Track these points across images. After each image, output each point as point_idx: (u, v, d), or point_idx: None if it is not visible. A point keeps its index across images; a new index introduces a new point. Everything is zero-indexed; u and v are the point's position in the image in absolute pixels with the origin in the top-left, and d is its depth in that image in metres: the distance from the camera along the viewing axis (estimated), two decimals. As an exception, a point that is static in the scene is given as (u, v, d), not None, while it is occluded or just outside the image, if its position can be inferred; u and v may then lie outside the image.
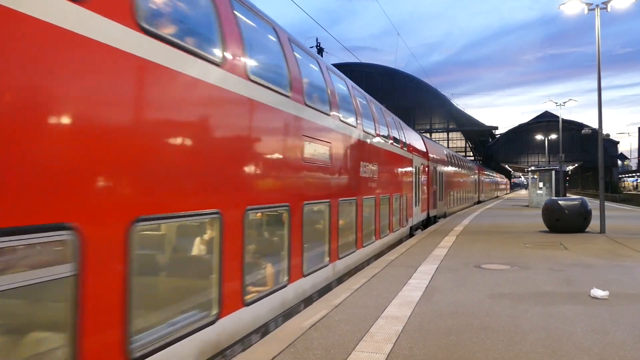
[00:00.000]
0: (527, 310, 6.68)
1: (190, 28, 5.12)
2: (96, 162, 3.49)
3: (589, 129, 49.69)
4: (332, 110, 9.19)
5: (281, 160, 6.86)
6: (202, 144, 4.89)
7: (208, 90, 5.01)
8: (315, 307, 6.86)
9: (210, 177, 4.99)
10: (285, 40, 7.55)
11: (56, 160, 3.18)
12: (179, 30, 4.68)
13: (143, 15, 4.01)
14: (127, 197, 3.80)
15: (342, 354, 4.99)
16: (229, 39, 5.45)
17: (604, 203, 17.68)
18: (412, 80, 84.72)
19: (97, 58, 3.52)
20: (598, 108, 17.53)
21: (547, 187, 33.67)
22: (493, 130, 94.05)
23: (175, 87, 4.47)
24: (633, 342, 5.35)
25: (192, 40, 4.79)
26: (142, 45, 3.94)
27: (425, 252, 12.17)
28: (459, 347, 5.21)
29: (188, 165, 4.59)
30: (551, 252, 12.16)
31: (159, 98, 4.23)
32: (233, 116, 5.58)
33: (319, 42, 41.17)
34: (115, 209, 3.64)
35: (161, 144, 4.25)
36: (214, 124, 5.17)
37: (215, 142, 5.19)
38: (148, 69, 4.07)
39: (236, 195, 5.55)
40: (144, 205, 3.97)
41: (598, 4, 17.28)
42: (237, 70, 5.56)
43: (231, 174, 5.48)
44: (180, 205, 4.46)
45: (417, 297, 7.39)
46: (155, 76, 4.18)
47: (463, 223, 20.94)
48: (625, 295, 7.58)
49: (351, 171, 10.33)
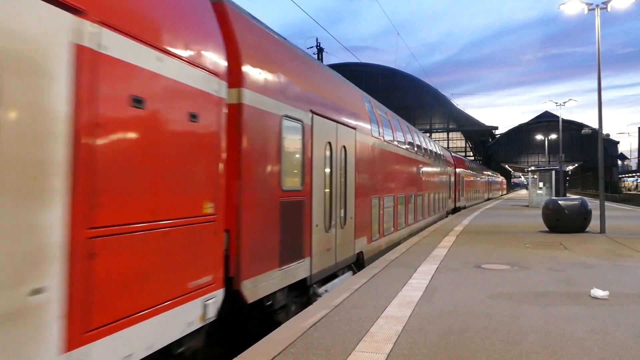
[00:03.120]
0: (527, 310, 6.67)
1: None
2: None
3: (589, 129, 49.72)
4: (418, 152, 18.83)
5: (417, 178, 18.05)
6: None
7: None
8: (315, 307, 6.86)
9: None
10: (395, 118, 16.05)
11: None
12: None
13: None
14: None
15: (342, 354, 4.99)
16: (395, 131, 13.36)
17: (604, 203, 17.68)
18: (412, 80, 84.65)
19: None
20: (598, 108, 17.53)
21: (547, 187, 33.68)
22: (493, 130, 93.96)
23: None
24: (633, 342, 5.35)
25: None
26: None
27: (425, 252, 12.16)
28: (459, 347, 5.21)
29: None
30: (551, 252, 12.16)
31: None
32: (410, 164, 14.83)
33: (319, 42, 41.19)
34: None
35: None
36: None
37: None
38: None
39: (408, 188, 16.16)
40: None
41: (598, 4, 17.28)
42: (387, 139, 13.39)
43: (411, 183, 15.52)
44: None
45: (417, 297, 7.39)
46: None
47: (463, 223, 20.93)
48: (626, 295, 7.58)
49: (419, 178, 18.93)
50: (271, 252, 6.41)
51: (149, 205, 4.10)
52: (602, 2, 17.21)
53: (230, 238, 5.54)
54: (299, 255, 7.30)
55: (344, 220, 9.51)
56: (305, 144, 7.57)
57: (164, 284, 4.26)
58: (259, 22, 6.88)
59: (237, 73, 5.73)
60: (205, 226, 4.90)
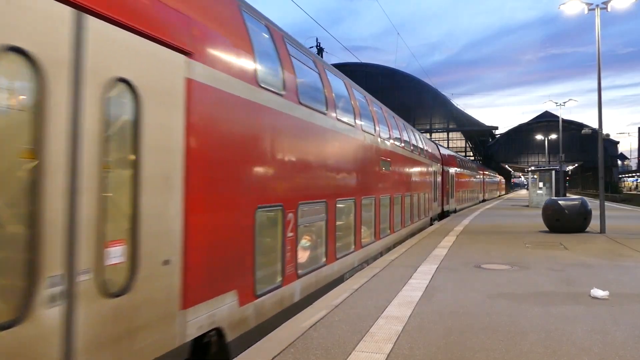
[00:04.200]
0: (527, 310, 6.68)
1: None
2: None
3: (589, 129, 49.72)
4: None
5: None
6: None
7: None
8: (315, 307, 6.86)
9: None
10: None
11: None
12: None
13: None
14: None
15: (342, 354, 4.99)
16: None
17: (604, 203, 17.68)
18: (412, 80, 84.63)
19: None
20: (598, 108, 17.53)
21: (547, 187, 33.67)
22: (493, 130, 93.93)
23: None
24: (633, 342, 5.35)
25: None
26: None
27: (425, 252, 12.16)
28: (459, 347, 5.21)
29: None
30: (551, 252, 12.16)
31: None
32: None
33: (319, 42, 41.17)
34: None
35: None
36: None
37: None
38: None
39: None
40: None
41: (598, 4, 17.27)
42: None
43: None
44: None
45: (417, 297, 7.39)
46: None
47: (463, 223, 20.93)
48: (626, 295, 7.58)
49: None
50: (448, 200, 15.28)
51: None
52: (602, 2, 17.21)
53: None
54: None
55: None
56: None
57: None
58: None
59: (442, 162, 15.97)
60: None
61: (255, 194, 5.99)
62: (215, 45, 5.27)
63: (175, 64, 4.45)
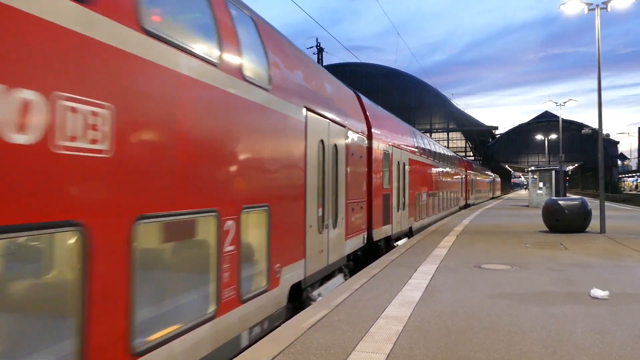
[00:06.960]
0: (527, 310, 6.68)
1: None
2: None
3: (589, 129, 49.72)
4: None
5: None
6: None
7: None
8: (315, 307, 6.86)
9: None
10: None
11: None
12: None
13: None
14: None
15: (342, 354, 4.99)
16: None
17: (604, 203, 17.68)
18: (412, 80, 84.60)
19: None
20: (598, 108, 17.53)
21: (547, 187, 33.69)
22: (493, 130, 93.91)
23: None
24: (633, 342, 5.35)
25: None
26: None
27: (425, 252, 12.17)
28: (459, 347, 5.21)
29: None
30: (551, 252, 12.17)
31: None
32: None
33: (319, 42, 41.20)
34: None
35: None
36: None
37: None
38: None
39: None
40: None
41: (598, 4, 17.27)
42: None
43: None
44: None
45: (417, 297, 7.39)
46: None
47: (463, 223, 20.94)
48: (626, 295, 7.58)
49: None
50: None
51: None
52: (602, 2, 17.21)
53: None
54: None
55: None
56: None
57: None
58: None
59: (466, 169, 37.84)
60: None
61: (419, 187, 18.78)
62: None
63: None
